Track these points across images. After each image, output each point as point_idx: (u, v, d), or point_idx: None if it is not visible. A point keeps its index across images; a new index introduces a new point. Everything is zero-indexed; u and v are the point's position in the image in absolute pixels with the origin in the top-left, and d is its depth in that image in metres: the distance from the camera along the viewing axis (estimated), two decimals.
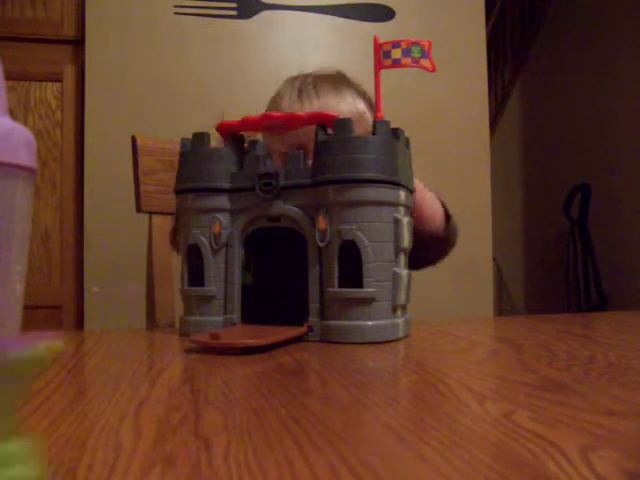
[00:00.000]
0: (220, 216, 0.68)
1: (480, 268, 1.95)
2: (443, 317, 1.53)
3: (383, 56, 0.69)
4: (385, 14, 1.95)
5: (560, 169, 3.18)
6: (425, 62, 0.67)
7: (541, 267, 3.34)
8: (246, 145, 0.71)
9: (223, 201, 0.68)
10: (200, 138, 0.70)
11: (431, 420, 0.32)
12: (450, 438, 0.29)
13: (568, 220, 2.98)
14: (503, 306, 3.44)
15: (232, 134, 0.70)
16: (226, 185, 0.68)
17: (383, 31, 1.93)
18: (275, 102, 0.95)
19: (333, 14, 1.93)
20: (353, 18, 1.93)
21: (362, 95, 0.95)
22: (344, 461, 0.26)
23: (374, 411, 0.35)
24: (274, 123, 0.69)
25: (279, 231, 0.67)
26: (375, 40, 0.69)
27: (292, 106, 0.91)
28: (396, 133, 0.67)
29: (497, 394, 0.39)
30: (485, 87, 2.03)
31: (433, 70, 0.68)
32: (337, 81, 0.95)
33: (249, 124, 0.69)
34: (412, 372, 0.47)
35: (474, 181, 1.98)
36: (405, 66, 0.68)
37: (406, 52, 0.67)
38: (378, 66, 0.69)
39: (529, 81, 3.52)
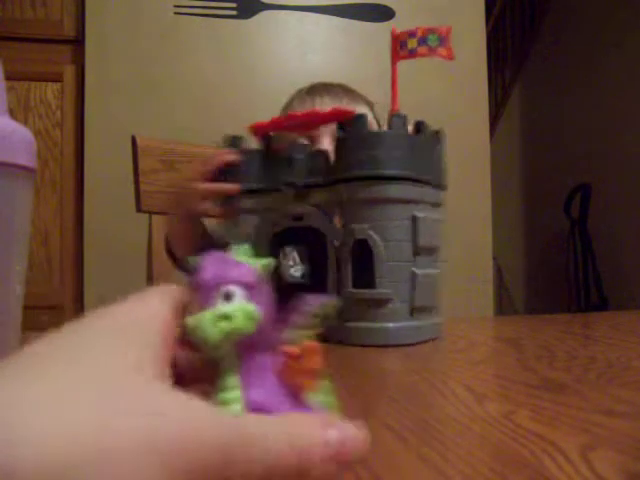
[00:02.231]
0: (249, 217, 0.68)
1: (480, 268, 1.94)
2: (443, 317, 1.52)
3: (400, 47, 0.65)
4: (385, 14, 1.95)
5: (560, 169, 3.17)
6: (442, 50, 0.63)
7: (541, 267, 3.34)
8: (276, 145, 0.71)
9: (251, 202, 0.68)
10: (233, 140, 0.71)
11: (431, 420, 0.32)
12: (450, 438, 0.29)
13: (568, 220, 2.98)
14: (503, 306, 3.44)
15: (264, 135, 0.71)
16: (254, 186, 0.68)
17: (383, 31, 1.93)
18: (286, 107, 0.96)
19: (333, 14, 1.92)
20: (353, 18, 1.93)
21: (370, 105, 0.96)
22: None
23: (374, 411, 0.35)
24: (296, 122, 0.69)
25: (306, 231, 0.66)
26: (392, 32, 0.67)
27: (303, 100, 0.92)
28: (419, 127, 0.65)
29: (497, 394, 0.39)
30: (485, 87, 2.03)
31: (450, 58, 0.64)
32: (347, 88, 0.96)
33: (277, 124, 0.70)
34: (412, 372, 0.47)
35: (474, 181, 1.98)
36: (421, 55, 0.64)
37: (422, 41, 0.64)
38: (395, 58, 0.66)
39: (529, 81, 3.52)
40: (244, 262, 0.21)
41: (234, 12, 1.86)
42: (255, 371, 0.21)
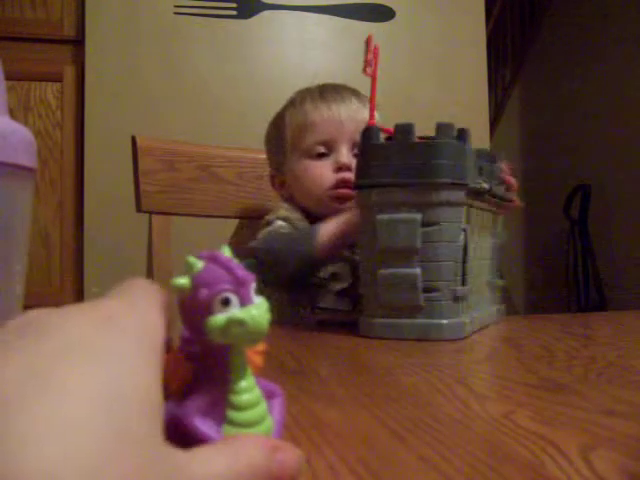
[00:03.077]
0: None
1: None
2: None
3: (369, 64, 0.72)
4: (385, 14, 1.95)
5: (560, 169, 3.18)
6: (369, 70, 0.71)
7: (541, 267, 3.34)
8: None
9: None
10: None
11: (431, 420, 0.32)
12: (450, 438, 0.29)
13: (568, 220, 2.98)
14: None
15: None
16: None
17: (383, 31, 1.93)
18: (294, 109, 0.95)
19: (333, 14, 1.92)
20: (353, 18, 1.93)
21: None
22: (344, 461, 0.26)
23: (374, 411, 0.35)
24: None
25: None
26: (375, 48, 0.72)
27: (316, 106, 0.92)
28: (396, 129, 0.67)
29: (497, 394, 0.39)
30: (485, 87, 2.03)
31: (371, 75, 0.72)
32: (354, 89, 0.96)
33: None
34: (412, 372, 0.47)
35: None
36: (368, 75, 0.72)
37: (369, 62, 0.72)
38: (374, 70, 0.72)
39: (529, 81, 3.51)
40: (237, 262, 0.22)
41: (234, 12, 1.86)
42: None
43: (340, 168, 0.88)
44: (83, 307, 0.19)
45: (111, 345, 0.17)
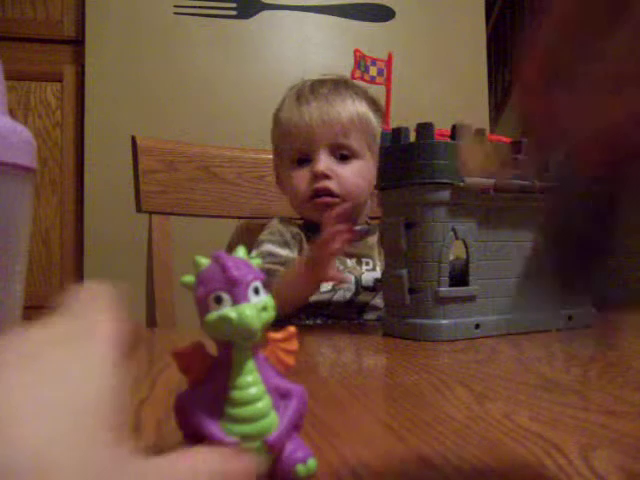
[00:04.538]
0: None
1: None
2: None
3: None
4: (385, 14, 1.95)
5: None
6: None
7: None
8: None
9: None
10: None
11: (431, 420, 0.32)
12: (450, 438, 0.29)
13: None
14: None
15: None
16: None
17: (383, 31, 1.93)
18: (278, 112, 0.94)
19: (333, 14, 1.92)
20: (353, 18, 1.93)
21: (364, 96, 0.93)
22: (344, 461, 0.26)
23: (374, 411, 0.35)
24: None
25: None
26: (389, 57, 0.73)
27: (291, 111, 0.91)
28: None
29: (497, 394, 0.39)
30: (485, 87, 2.03)
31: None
32: (336, 83, 0.93)
33: None
34: (412, 372, 0.48)
35: None
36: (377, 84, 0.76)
37: (380, 71, 0.75)
38: (389, 83, 0.74)
39: None
40: (249, 261, 0.23)
41: (234, 12, 1.86)
42: (258, 356, 0.23)
43: (316, 177, 0.86)
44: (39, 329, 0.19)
45: (59, 361, 0.18)
